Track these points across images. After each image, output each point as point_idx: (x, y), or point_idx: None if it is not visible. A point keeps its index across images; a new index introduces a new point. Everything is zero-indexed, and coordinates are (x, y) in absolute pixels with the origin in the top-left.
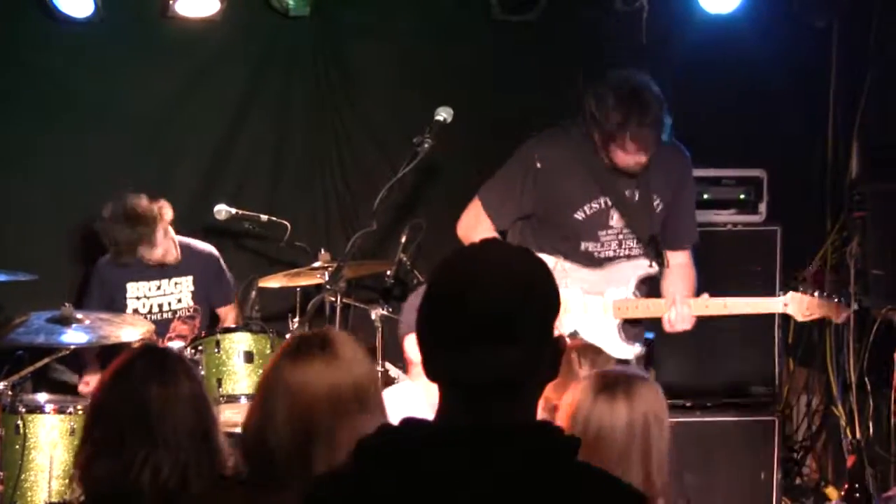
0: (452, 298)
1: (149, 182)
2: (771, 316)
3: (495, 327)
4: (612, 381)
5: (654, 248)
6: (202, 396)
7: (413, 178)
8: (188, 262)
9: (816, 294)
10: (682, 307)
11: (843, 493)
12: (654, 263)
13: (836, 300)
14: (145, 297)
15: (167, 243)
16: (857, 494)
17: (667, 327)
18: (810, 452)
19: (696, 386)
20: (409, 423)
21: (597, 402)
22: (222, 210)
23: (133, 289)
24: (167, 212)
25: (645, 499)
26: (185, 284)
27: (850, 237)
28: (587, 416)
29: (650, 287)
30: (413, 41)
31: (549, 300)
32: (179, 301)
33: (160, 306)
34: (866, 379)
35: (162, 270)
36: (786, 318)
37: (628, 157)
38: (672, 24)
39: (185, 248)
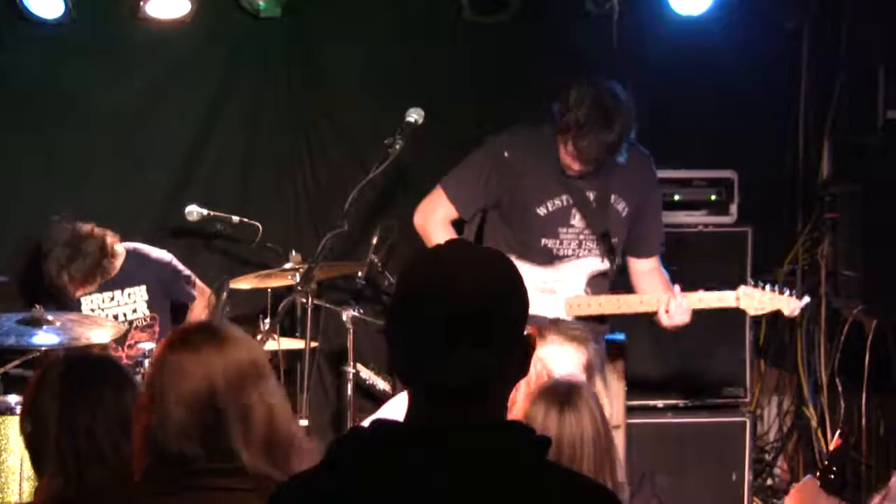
0: (424, 301)
1: (120, 183)
2: (742, 317)
3: (469, 329)
4: (566, 392)
5: (608, 245)
6: (125, 403)
7: (384, 179)
8: (140, 272)
9: (768, 287)
10: (681, 299)
11: (818, 473)
12: (605, 260)
13: (787, 293)
14: (100, 308)
15: (98, 283)
16: (833, 476)
17: (665, 321)
18: (781, 453)
19: (668, 387)
20: (381, 424)
21: (564, 418)
22: (193, 211)
23: (87, 301)
24: (117, 262)
25: (615, 497)
26: (139, 294)
27: (821, 238)
28: (555, 434)
29: (602, 285)
30: (384, 42)
31: (519, 300)
32: (135, 311)
33: (115, 317)
34: (837, 380)
35: (113, 282)
36: (757, 319)
37: (567, 158)
38: (643, 26)
39: (137, 257)
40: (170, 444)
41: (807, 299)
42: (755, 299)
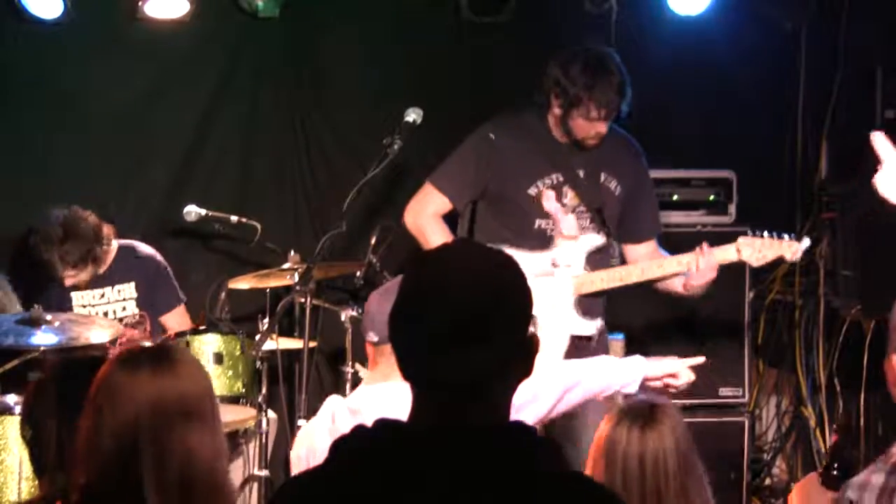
0: (426, 299)
1: (119, 182)
2: (741, 317)
3: (470, 328)
4: (646, 411)
5: (602, 220)
6: None
7: (383, 179)
8: (129, 268)
9: (766, 234)
10: (709, 255)
11: (820, 470)
12: (601, 233)
13: (787, 238)
14: (90, 305)
15: (90, 272)
16: (834, 473)
17: (695, 281)
18: (780, 453)
19: None
20: (383, 424)
21: (646, 434)
22: (192, 211)
23: (78, 298)
24: (110, 254)
25: (619, 498)
26: (128, 291)
27: (820, 238)
28: (638, 451)
29: (601, 262)
30: (383, 42)
31: (522, 299)
32: (124, 309)
33: (105, 314)
34: (836, 380)
35: (104, 278)
36: (755, 319)
37: (589, 126)
38: (641, 25)
39: (127, 253)
40: (92, 469)
41: (807, 241)
42: (755, 248)
